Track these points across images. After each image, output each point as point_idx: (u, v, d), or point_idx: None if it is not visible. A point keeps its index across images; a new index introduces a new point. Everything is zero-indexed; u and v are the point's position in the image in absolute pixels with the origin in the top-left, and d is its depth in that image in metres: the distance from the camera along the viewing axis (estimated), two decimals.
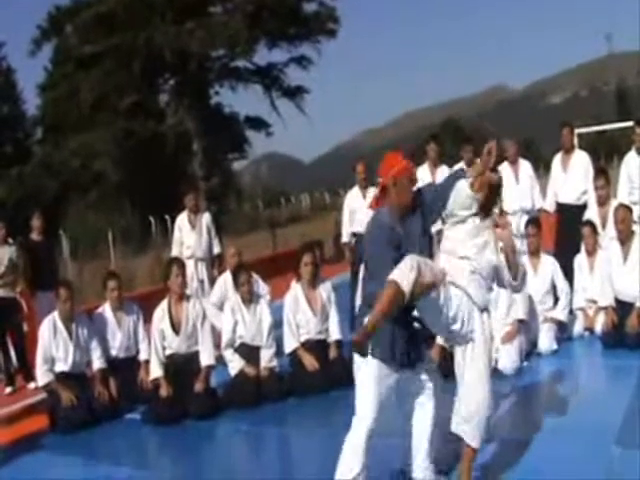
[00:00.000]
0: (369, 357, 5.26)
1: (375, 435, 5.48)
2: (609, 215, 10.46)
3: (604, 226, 10.54)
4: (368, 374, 5.43)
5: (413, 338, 5.64)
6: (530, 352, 9.20)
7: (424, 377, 5.77)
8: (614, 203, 10.48)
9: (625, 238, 9.52)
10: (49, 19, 30.63)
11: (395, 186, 5.48)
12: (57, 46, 36.46)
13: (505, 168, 11.44)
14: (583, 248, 10.29)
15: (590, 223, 10.35)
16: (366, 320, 4.95)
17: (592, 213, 10.73)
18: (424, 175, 11.28)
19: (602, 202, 10.67)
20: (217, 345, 9.27)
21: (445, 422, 5.79)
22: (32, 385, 10.47)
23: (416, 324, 5.63)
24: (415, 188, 5.55)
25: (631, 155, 11.13)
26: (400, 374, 5.51)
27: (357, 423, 5.49)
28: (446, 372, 8.51)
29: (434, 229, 5.73)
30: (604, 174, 10.78)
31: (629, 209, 9.68)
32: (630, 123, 12.39)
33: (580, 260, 10.33)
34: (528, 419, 7.20)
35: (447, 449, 6.03)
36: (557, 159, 11.77)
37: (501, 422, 7.11)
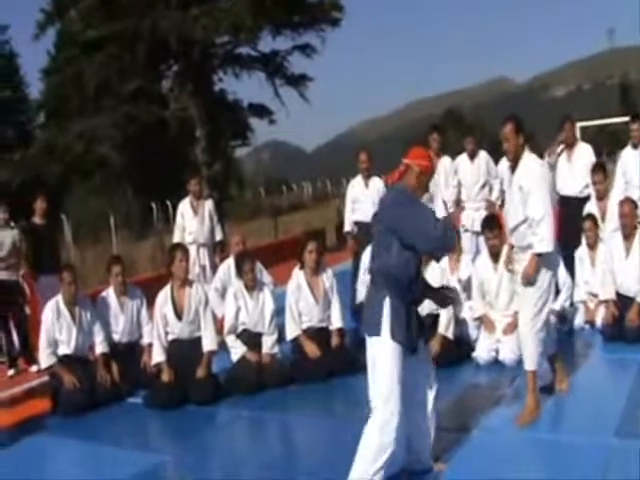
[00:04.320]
0: (389, 340, 5.41)
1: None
2: (608, 209, 10.51)
3: (603, 220, 10.57)
4: (390, 357, 5.45)
5: (421, 325, 5.80)
6: None
7: (427, 364, 5.84)
8: (614, 197, 10.52)
9: (629, 232, 9.54)
10: (53, 3, 30.51)
11: (419, 175, 5.70)
12: (61, 30, 36.37)
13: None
14: (584, 241, 10.33)
15: (591, 216, 10.39)
16: None
17: (592, 206, 10.77)
18: None
19: (601, 196, 10.72)
20: (219, 331, 9.31)
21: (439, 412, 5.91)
22: (34, 368, 10.52)
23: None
24: None
25: (627, 150, 11.15)
26: (406, 360, 5.55)
27: (382, 406, 5.43)
28: (446, 361, 8.65)
29: None
30: (602, 168, 10.82)
31: (634, 203, 9.70)
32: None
33: (581, 253, 10.36)
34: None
35: (440, 437, 6.08)
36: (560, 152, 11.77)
37: (502, 412, 7.16)
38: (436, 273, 8.71)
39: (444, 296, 6.05)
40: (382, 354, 5.47)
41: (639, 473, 5.49)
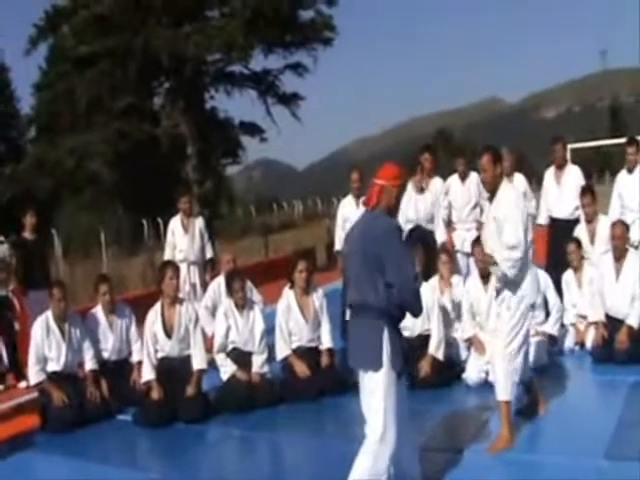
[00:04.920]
0: (390, 372, 5.39)
1: None
2: (597, 231, 10.57)
3: (592, 242, 10.62)
4: (388, 389, 5.40)
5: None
6: None
7: (403, 383, 5.80)
8: (603, 220, 10.58)
9: (620, 254, 9.58)
10: (46, 18, 30.54)
11: (397, 195, 5.67)
12: (53, 45, 36.41)
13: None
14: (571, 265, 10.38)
15: (575, 239, 10.44)
16: None
17: (581, 229, 10.81)
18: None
19: (589, 219, 10.74)
20: (209, 349, 9.29)
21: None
22: (23, 384, 10.48)
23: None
24: None
25: (623, 174, 11.23)
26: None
27: (380, 437, 5.38)
28: (436, 382, 8.67)
29: None
30: (590, 191, 10.84)
31: (626, 225, 9.75)
32: (623, 140, 12.49)
33: (567, 277, 10.40)
34: (518, 432, 7.22)
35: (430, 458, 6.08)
36: (549, 173, 11.82)
37: (492, 434, 7.15)
38: (426, 292, 8.71)
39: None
40: (381, 386, 5.40)
41: None
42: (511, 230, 6.63)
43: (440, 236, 11.34)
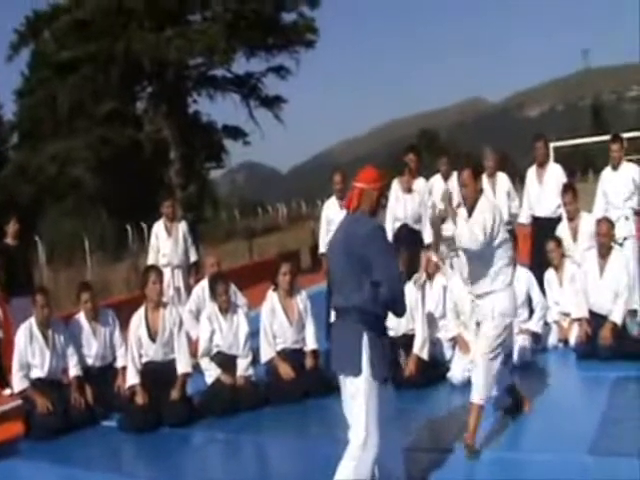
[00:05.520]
0: (370, 379, 5.36)
1: None
2: (579, 229, 10.60)
3: (575, 240, 10.64)
4: (370, 394, 5.38)
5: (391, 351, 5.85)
6: (505, 363, 9.24)
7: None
8: (585, 217, 10.61)
9: (605, 251, 9.60)
10: (27, 24, 30.54)
11: (378, 198, 5.66)
12: (35, 51, 36.31)
13: (483, 181, 11.53)
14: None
15: (554, 238, 10.47)
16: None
17: (563, 227, 10.83)
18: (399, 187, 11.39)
19: (571, 217, 10.76)
20: (193, 353, 9.28)
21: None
22: (7, 391, 10.41)
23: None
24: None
25: (607, 171, 11.26)
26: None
27: (362, 441, 5.36)
28: (421, 381, 8.69)
29: None
30: (572, 189, 10.85)
31: (611, 223, 9.78)
32: (605, 137, 12.53)
33: (548, 276, 10.43)
34: (502, 430, 7.23)
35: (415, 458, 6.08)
36: (531, 172, 11.85)
37: (477, 433, 7.16)
38: (410, 292, 8.71)
39: None
40: (362, 392, 5.37)
41: None
42: (480, 226, 6.62)
43: (427, 237, 11.31)
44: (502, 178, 11.76)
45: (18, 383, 8.79)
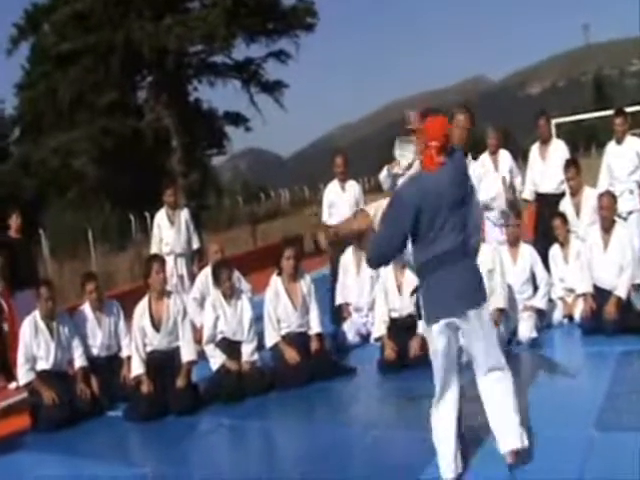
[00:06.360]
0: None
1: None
2: (582, 204, 10.54)
3: (578, 215, 10.59)
4: None
5: None
6: (510, 340, 9.24)
7: None
8: (588, 192, 10.55)
9: (608, 225, 9.55)
10: (26, 17, 30.52)
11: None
12: (34, 44, 36.25)
13: (485, 158, 11.50)
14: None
15: (560, 214, 10.41)
16: None
17: (567, 202, 10.78)
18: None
19: (574, 192, 10.69)
20: (198, 341, 9.27)
21: None
22: (13, 385, 10.44)
23: None
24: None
25: (612, 145, 11.22)
26: None
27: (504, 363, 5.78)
28: (426, 361, 8.65)
29: None
30: (574, 164, 10.79)
31: (613, 196, 9.73)
32: (607, 112, 12.48)
33: (553, 252, 10.36)
34: None
35: None
36: (535, 148, 11.79)
37: (482, 408, 7.13)
38: None
39: None
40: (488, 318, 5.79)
41: (619, 465, 5.51)
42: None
43: None
44: (504, 155, 11.72)
45: (24, 376, 8.80)
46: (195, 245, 12.36)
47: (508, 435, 5.65)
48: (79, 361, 9.03)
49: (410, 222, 5.43)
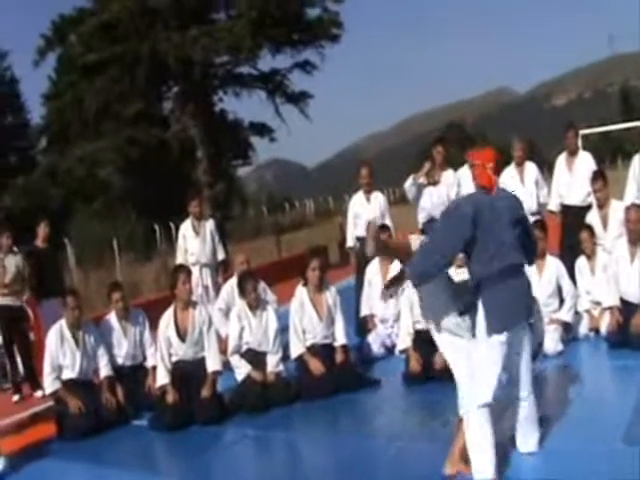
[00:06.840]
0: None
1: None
2: (609, 217, 10.48)
3: (605, 227, 10.53)
4: None
5: None
6: (536, 354, 9.19)
7: None
8: (615, 205, 10.48)
9: (635, 238, 9.49)
10: (53, 28, 30.68)
11: None
12: (61, 55, 36.47)
13: (511, 170, 11.45)
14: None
15: (587, 227, 10.36)
16: None
17: (594, 215, 10.72)
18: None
19: (601, 204, 10.62)
20: (223, 351, 9.29)
21: None
22: (39, 393, 10.51)
23: None
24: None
25: (638, 157, 11.13)
26: None
27: None
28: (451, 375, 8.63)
29: None
30: (602, 176, 10.73)
31: None
32: (634, 124, 12.40)
33: (580, 264, 10.32)
34: None
35: None
36: (561, 160, 11.73)
37: (509, 421, 7.11)
38: None
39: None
40: None
41: None
42: None
43: None
44: (530, 167, 11.66)
45: (50, 385, 8.86)
46: (220, 256, 12.39)
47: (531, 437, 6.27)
48: (104, 370, 9.08)
49: (469, 232, 5.71)
